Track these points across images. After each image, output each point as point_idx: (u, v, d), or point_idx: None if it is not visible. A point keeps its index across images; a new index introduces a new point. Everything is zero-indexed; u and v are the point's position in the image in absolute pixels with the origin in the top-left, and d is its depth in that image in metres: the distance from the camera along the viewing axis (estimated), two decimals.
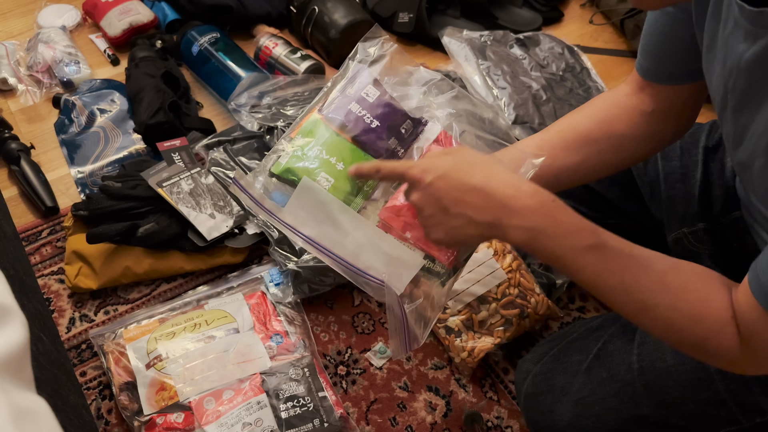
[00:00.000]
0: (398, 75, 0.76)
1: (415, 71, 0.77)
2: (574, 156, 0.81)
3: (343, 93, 0.74)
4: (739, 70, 0.60)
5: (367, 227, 0.69)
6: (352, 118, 0.72)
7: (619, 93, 0.83)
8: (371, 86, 0.74)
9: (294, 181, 0.70)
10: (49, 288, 1.08)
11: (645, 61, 0.79)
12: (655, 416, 0.79)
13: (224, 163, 1.18)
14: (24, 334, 0.39)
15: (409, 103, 0.75)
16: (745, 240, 0.79)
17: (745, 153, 0.63)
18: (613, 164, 0.84)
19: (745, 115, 0.62)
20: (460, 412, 0.98)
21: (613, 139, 0.81)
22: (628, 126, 0.81)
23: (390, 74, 0.75)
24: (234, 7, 1.46)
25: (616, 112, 0.82)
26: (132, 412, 0.89)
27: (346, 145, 0.71)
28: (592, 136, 0.81)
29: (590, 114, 0.83)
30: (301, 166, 0.70)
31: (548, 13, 1.65)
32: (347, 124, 0.72)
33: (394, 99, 0.74)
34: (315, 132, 0.72)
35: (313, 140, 0.71)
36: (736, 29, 0.60)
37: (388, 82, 0.75)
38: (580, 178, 0.85)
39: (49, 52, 1.39)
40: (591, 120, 0.82)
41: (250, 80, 1.29)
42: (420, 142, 0.74)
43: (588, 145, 0.81)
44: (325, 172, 0.70)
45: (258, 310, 1.00)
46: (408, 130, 0.73)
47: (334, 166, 0.70)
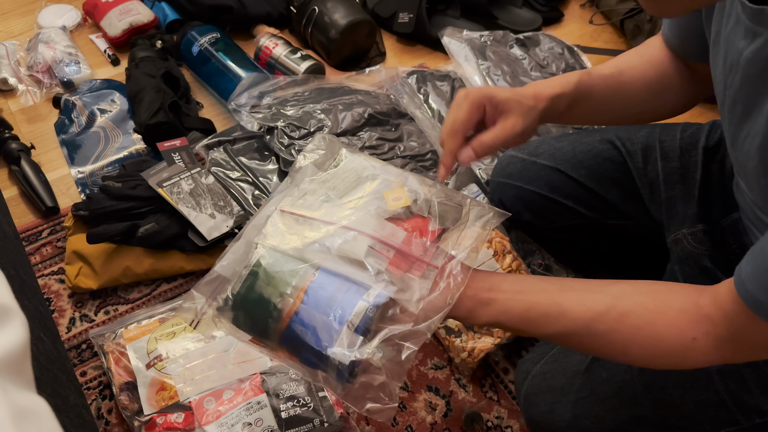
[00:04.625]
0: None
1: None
2: (632, 93, 0.83)
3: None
4: (738, 67, 0.60)
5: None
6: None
7: (662, 47, 0.85)
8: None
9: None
10: (49, 288, 1.08)
11: (671, 35, 0.81)
12: (654, 417, 0.79)
13: (224, 163, 1.18)
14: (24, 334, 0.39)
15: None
16: (744, 241, 0.79)
17: (741, 152, 0.63)
18: (656, 109, 0.87)
19: (740, 114, 0.62)
20: (460, 412, 0.98)
21: (667, 84, 0.83)
22: (677, 72, 0.83)
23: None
24: (234, 7, 1.46)
25: (667, 56, 0.83)
26: (132, 412, 0.89)
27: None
28: (648, 78, 0.83)
29: (644, 54, 0.85)
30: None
31: (548, 13, 1.65)
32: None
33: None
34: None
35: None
36: (737, 26, 0.60)
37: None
38: (622, 115, 0.87)
39: (49, 52, 1.39)
40: (645, 60, 0.84)
41: (251, 80, 1.29)
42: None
43: (646, 85, 0.83)
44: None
45: None
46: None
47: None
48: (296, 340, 0.62)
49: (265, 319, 0.63)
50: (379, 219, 0.66)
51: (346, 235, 0.65)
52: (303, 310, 0.62)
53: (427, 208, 0.69)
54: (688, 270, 0.85)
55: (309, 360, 0.62)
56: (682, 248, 0.87)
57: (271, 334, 0.63)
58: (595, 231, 1.03)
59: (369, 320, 0.61)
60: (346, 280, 0.63)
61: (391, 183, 0.70)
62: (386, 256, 0.64)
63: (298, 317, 0.62)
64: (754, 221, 0.75)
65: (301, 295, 0.62)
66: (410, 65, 1.50)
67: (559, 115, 0.78)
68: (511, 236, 1.08)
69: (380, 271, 0.63)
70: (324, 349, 0.60)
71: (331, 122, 1.19)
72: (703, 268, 0.83)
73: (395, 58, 1.55)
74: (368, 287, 0.62)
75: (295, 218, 0.67)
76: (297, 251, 0.64)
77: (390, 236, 0.65)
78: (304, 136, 1.17)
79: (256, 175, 1.17)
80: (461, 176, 1.19)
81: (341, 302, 0.61)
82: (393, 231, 0.66)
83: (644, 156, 0.94)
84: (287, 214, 0.68)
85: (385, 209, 0.67)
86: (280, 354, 0.65)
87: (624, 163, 0.95)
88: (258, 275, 0.63)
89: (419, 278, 0.64)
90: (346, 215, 0.66)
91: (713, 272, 0.82)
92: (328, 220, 0.66)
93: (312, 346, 0.61)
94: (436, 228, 0.68)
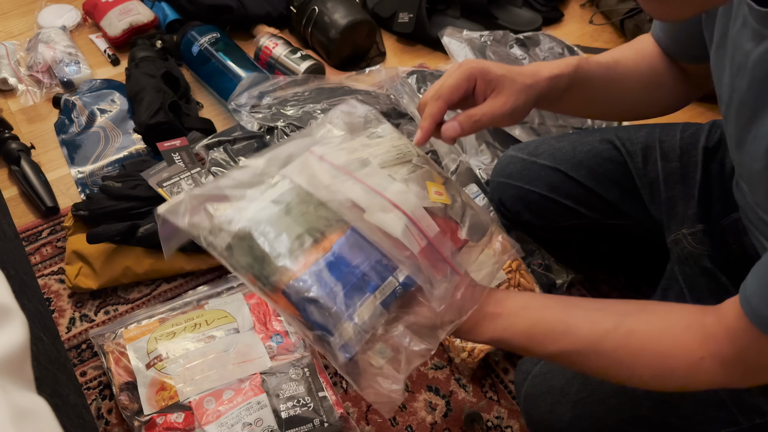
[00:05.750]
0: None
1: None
2: (626, 84, 0.83)
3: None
4: (745, 69, 0.60)
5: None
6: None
7: (654, 46, 0.84)
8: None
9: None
10: (49, 288, 1.08)
11: (662, 36, 0.81)
12: (654, 417, 0.79)
13: (224, 163, 1.18)
14: (24, 334, 0.39)
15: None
16: (744, 242, 0.79)
17: (747, 155, 0.63)
18: (648, 104, 0.87)
19: (748, 116, 0.62)
20: (460, 412, 0.98)
21: (659, 80, 0.83)
22: (668, 69, 0.83)
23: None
24: (234, 7, 1.46)
25: (658, 53, 0.83)
26: (132, 412, 0.89)
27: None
28: (641, 71, 0.83)
29: (638, 49, 0.85)
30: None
31: (548, 13, 1.65)
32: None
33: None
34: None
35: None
36: (744, 28, 0.60)
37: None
38: (616, 107, 0.87)
39: (49, 52, 1.39)
40: (639, 55, 0.84)
41: (250, 80, 1.29)
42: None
43: (639, 78, 0.83)
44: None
45: (258, 310, 1.00)
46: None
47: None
48: (306, 293, 0.55)
49: (276, 259, 0.55)
50: (420, 204, 0.62)
51: (384, 206, 0.60)
52: (328, 261, 0.56)
53: (461, 215, 0.66)
54: (688, 270, 0.85)
55: (313, 318, 0.55)
56: (681, 248, 0.87)
57: (278, 277, 0.55)
58: (595, 231, 1.03)
59: (394, 298, 0.57)
60: (376, 249, 0.58)
61: (434, 176, 0.67)
62: (418, 243, 0.60)
63: (317, 269, 0.55)
64: (755, 221, 0.75)
65: (327, 246, 0.56)
66: (410, 65, 1.50)
67: (556, 99, 0.76)
68: (511, 236, 1.08)
69: (412, 255, 0.59)
70: (343, 313, 0.55)
71: None
72: (703, 269, 0.83)
73: (395, 58, 1.55)
74: (396, 266, 0.58)
75: (330, 167, 0.61)
76: (329, 200, 0.59)
77: (426, 226, 0.61)
78: None
79: None
80: (461, 176, 1.19)
81: (370, 270, 0.57)
82: (429, 222, 0.61)
83: (644, 156, 0.94)
84: (322, 161, 0.62)
85: (426, 198, 0.63)
86: (277, 300, 0.56)
87: (624, 163, 0.95)
88: (280, 208, 0.57)
89: (440, 278, 0.61)
90: (386, 186, 0.61)
91: (713, 272, 0.82)
92: (368, 184, 0.61)
93: (326, 305, 0.55)
94: (463, 237, 0.66)
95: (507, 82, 0.71)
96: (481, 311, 0.64)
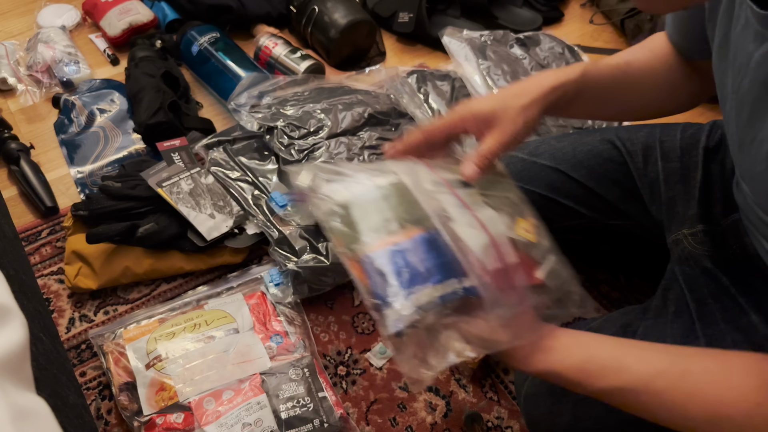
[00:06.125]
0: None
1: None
2: (640, 84, 0.83)
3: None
4: (747, 70, 0.60)
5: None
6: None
7: (666, 44, 0.84)
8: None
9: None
10: (48, 288, 1.08)
11: (673, 33, 0.81)
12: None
13: (224, 163, 1.18)
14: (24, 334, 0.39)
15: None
16: (744, 242, 0.78)
17: (748, 156, 0.63)
18: (662, 103, 0.87)
19: (748, 117, 0.62)
20: (460, 412, 0.98)
21: (674, 78, 0.83)
22: (681, 66, 0.83)
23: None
24: (234, 6, 1.46)
25: (672, 52, 0.83)
26: (132, 412, 0.89)
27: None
28: (655, 71, 0.83)
29: (652, 48, 0.85)
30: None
31: (548, 12, 1.65)
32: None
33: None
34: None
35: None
36: (746, 29, 0.59)
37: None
38: (629, 112, 0.88)
39: (48, 51, 1.39)
40: (652, 54, 0.84)
41: (250, 80, 1.29)
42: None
43: (653, 77, 0.83)
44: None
45: (258, 310, 1.00)
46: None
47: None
48: (380, 267, 0.62)
49: (363, 232, 0.64)
50: (506, 233, 0.68)
51: (472, 222, 0.66)
52: (404, 247, 0.63)
53: (542, 257, 0.70)
54: (689, 270, 0.85)
55: (378, 290, 0.62)
56: (682, 249, 0.87)
57: (359, 247, 0.64)
58: (595, 231, 1.03)
59: (454, 298, 0.62)
60: (450, 254, 0.64)
61: (527, 215, 0.72)
62: (493, 263, 0.65)
63: (395, 250, 0.63)
64: (755, 221, 0.75)
65: (411, 234, 0.64)
66: (410, 65, 1.50)
67: (566, 105, 0.77)
68: None
69: (484, 271, 0.64)
70: (402, 291, 0.61)
71: (331, 122, 1.19)
72: (703, 269, 0.83)
73: (395, 57, 1.55)
74: (465, 274, 0.63)
75: (435, 178, 0.70)
76: (423, 201, 0.66)
77: (505, 252, 0.66)
78: (304, 135, 1.17)
79: (256, 175, 1.17)
80: None
81: (438, 267, 0.63)
82: (509, 250, 0.67)
83: (644, 156, 0.94)
84: (430, 172, 0.71)
85: (512, 230, 0.69)
86: (353, 265, 0.65)
87: (624, 163, 0.95)
88: (380, 193, 0.67)
89: (504, 301, 0.65)
90: (479, 208, 0.68)
91: (713, 273, 0.82)
92: (464, 200, 0.68)
93: (391, 282, 0.62)
94: (539, 277, 0.69)
95: (499, 113, 0.72)
96: (536, 343, 0.65)
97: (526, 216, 0.72)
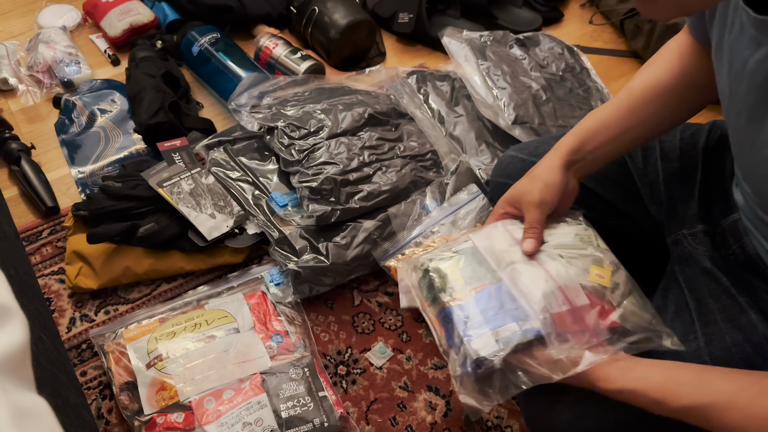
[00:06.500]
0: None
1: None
2: (663, 111, 0.83)
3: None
4: (743, 75, 0.60)
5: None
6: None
7: (682, 42, 0.83)
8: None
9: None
10: (49, 288, 1.09)
11: (695, 20, 0.80)
12: (654, 416, 0.79)
13: (224, 163, 1.18)
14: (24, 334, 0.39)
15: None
16: (744, 242, 0.78)
17: (749, 159, 0.63)
18: (688, 113, 0.86)
19: (745, 121, 0.62)
20: (460, 412, 0.98)
21: (693, 88, 0.83)
22: (701, 72, 0.81)
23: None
24: (234, 7, 1.46)
25: (688, 60, 0.82)
26: (132, 411, 0.89)
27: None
28: (676, 89, 0.83)
29: (667, 66, 0.84)
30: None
31: (548, 13, 1.65)
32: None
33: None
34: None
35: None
36: (741, 34, 0.59)
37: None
38: (656, 133, 0.88)
39: (49, 52, 1.39)
40: (670, 72, 0.83)
41: (251, 80, 1.29)
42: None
43: (674, 98, 0.83)
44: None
45: (258, 310, 1.00)
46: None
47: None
48: (451, 319, 0.73)
49: (441, 291, 0.76)
50: (577, 280, 0.75)
51: (539, 274, 0.75)
52: (470, 301, 0.74)
53: (618, 302, 0.75)
54: (688, 270, 0.85)
55: (451, 337, 0.73)
56: (682, 249, 0.87)
57: (438, 303, 0.76)
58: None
59: (512, 341, 0.70)
60: (513, 300, 0.73)
61: (604, 263, 0.78)
62: (559, 306, 0.72)
63: (464, 303, 0.74)
64: (754, 221, 0.75)
65: (474, 291, 0.75)
66: (410, 65, 1.50)
67: (593, 159, 0.85)
68: None
69: (547, 312, 0.72)
70: (466, 337, 0.71)
71: (331, 122, 1.19)
72: (703, 269, 0.83)
73: (395, 58, 1.55)
74: (526, 318, 0.72)
75: (509, 239, 0.80)
76: (495, 259, 0.78)
77: (574, 296, 0.73)
78: (304, 136, 1.17)
79: (256, 175, 1.17)
80: (461, 176, 1.19)
81: (500, 313, 0.72)
82: (579, 294, 0.74)
83: (644, 156, 0.94)
84: (505, 232, 0.82)
85: (585, 277, 0.75)
86: (432, 318, 0.76)
87: (624, 163, 0.95)
88: (461, 256, 0.79)
89: (571, 338, 0.71)
90: (549, 261, 0.77)
91: (713, 273, 0.82)
92: (534, 257, 0.78)
93: (459, 330, 0.72)
94: (615, 319, 0.73)
95: (523, 204, 0.82)
96: (614, 362, 0.68)
97: (603, 264, 0.78)
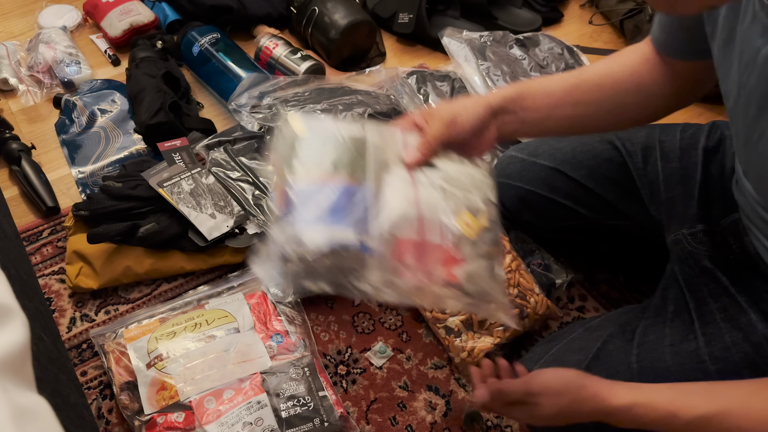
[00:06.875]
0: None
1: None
2: (605, 103, 0.83)
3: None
4: (754, 65, 0.60)
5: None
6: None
7: (645, 49, 0.84)
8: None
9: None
10: (49, 288, 1.09)
11: (660, 34, 0.81)
12: None
13: (225, 163, 1.18)
14: (25, 334, 0.39)
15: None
16: (744, 242, 0.79)
17: (754, 154, 0.63)
18: (632, 117, 0.87)
19: (755, 113, 0.61)
20: (460, 411, 0.98)
21: (642, 93, 0.83)
22: (655, 82, 0.82)
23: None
24: (234, 7, 1.46)
25: (645, 67, 0.83)
26: (133, 411, 0.90)
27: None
28: (624, 86, 0.83)
29: (624, 64, 0.85)
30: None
31: (548, 13, 1.66)
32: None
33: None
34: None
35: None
36: (754, 24, 0.59)
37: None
38: (591, 124, 0.87)
39: (49, 52, 1.39)
40: (624, 70, 0.84)
41: (251, 80, 1.29)
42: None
43: (619, 94, 0.83)
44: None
45: (258, 310, 1.00)
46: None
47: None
48: (300, 195, 0.67)
49: (302, 161, 0.69)
50: (438, 213, 0.69)
51: (406, 195, 0.68)
52: (325, 188, 0.67)
53: (473, 258, 0.69)
54: (688, 270, 0.85)
55: (289, 211, 0.66)
56: (681, 248, 0.87)
57: (293, 173, 0.68)
58: (595, 231, 1.03)
59: (339, 246, 0.64)
60: (365, 209, 0.67)
61: (481, 216, 0.72)
62: (408, 234, 0.66)
63: (316, 187, 0.67)
64: (755, 220, 0.75)
65: (338, 179, 0.68)
66: (410, 65, 1.51)
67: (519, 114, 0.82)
68: (511, 236, 1.08)
69: (392, 235, 0.65)
70: (302, 221, 0.65)
71: None
72: (702, 268, 0.83)
73: (395, 58, 1.55)
74: (366, 231, 0.65)
75: (399, 149, 0.73)
76: (372, 163, 0.69)
77: (428, 228, 0.68)
78: None
79: (257, 175, 1.17)
80: None
81: (345, 214, 0.66)
82: (434, 229, 0.68)
83: (644, 156, 0.94)
84: (400, 139, 0.75)
85: (450, 217, 0.69)
86: (279, 181, 0.70)
87: (624, 163, 0.95)
88: (347, 140, 0.71)
89: (402, 273, 0.66)
90: (425, 187, 0.70)
91: (713, 272, 0.82)
92: (413, 178, 0.71)
93: (300, 211, 0.66)
94: (458, 274, 0.68)
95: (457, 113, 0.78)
96: (617, 381, 0.68)
97: (480, 216, 0.72)
